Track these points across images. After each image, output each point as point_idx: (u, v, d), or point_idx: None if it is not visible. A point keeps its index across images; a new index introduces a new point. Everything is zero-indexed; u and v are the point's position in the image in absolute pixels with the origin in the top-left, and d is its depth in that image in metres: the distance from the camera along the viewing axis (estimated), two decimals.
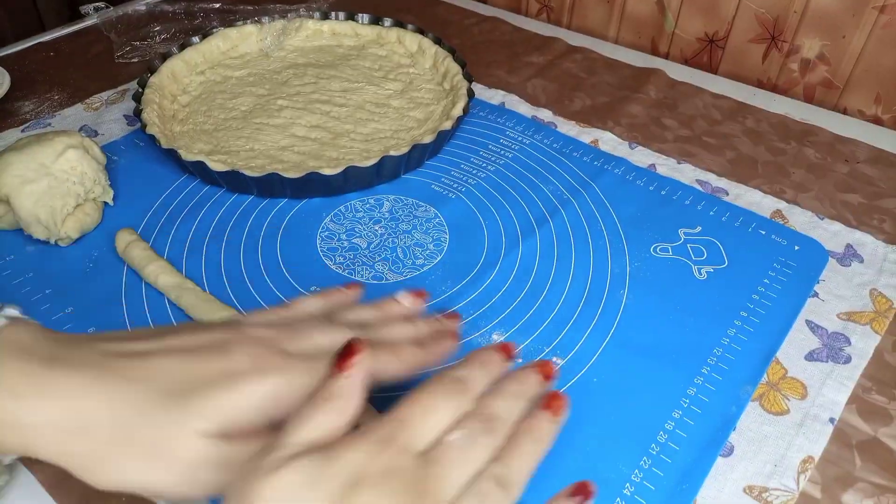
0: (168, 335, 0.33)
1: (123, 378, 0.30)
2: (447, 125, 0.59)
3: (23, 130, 0.64)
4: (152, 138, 0.57)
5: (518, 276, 0.51)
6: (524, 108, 0.69)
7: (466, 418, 0.30)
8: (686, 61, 0.81)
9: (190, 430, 0.29)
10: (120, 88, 0.71)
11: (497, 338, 0.46)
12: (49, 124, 0.65)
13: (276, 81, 0.69)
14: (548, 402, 0.32)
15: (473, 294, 0.49)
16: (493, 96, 0.70)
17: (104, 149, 0.62)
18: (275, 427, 0.29)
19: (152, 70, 0.65)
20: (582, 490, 0.31)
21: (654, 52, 0.83)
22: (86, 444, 0.29)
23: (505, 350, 0.35)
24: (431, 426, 0.29)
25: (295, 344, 0.33)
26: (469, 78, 0.66)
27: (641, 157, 0.62)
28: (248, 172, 0.54)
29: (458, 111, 0.61)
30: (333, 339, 0.33)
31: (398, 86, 0.68)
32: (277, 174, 0.53)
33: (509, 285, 0.50)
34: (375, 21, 0.75)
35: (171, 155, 0.56)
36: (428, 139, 0.58)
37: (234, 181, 0.56)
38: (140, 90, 0.63)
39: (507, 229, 0.55)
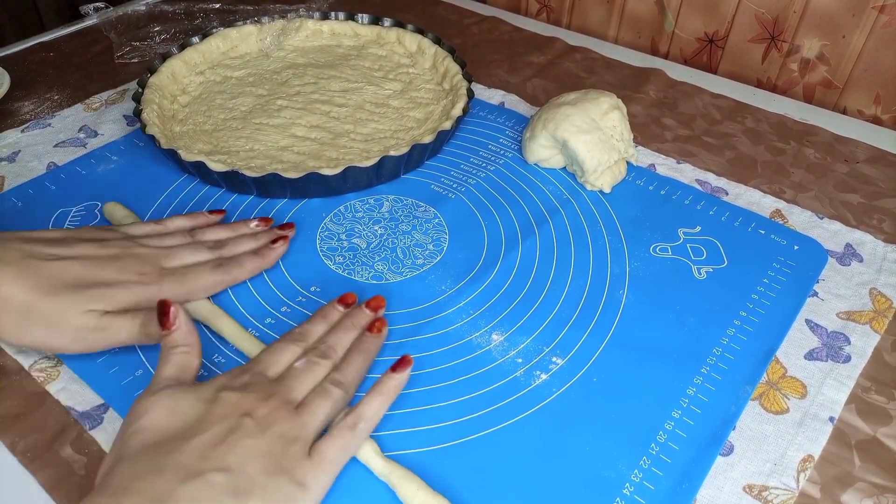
0: (77, 244, 0.44)
1: (39, 275, 0.41)
2: (447, 125, 0.59)
3: (22, 131, 0.64)
4: (152, 138, 0.57)
5: (518, 275, 0.51)
6: (524, 108, 0.69)
7: (308, 352, 0.41)
8: (686, 61, 0.81)
9: (82, 309, 0.41)
10: (120, 89, 0.71)
11: (497, 338, 0.46)
12: (49, 124, 0.65)
13: (276, 81, 0.69)
14: (371, 325, 0.44)
15: (473, 294, 0.49)
16: (493, 96, 0.70)
17: (103, 149, 0.62)
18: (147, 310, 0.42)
19: (152, 70, 0.65)
20: (402, 362, 0.41)
21: (654, 51, 0.83)
22: (8, 317, 0.40)
23: (370, 304, 0.45)
24: (280, 362, 0.40)
25: (169, 261, 0.46)
26: (469, 78, 0.66)
27: (641, 156, 0.62)
28: (247, 173, 0.54)
29: (457, 111, 0.61)
30: (195, 257, 0.47)
31: (398, 86, 0.68)
32: (277, 174, 0.53)
33: (509, 285, 0.50)
34: (375, 21, 0.75)
35: (171, 155, 0.56)
36: (428, 139, 0.58)
37: (233, 181, 0.56)
38: (140, 90, 0.63)
39: (507, 229, 0.55)
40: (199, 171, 0.56)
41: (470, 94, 0.63)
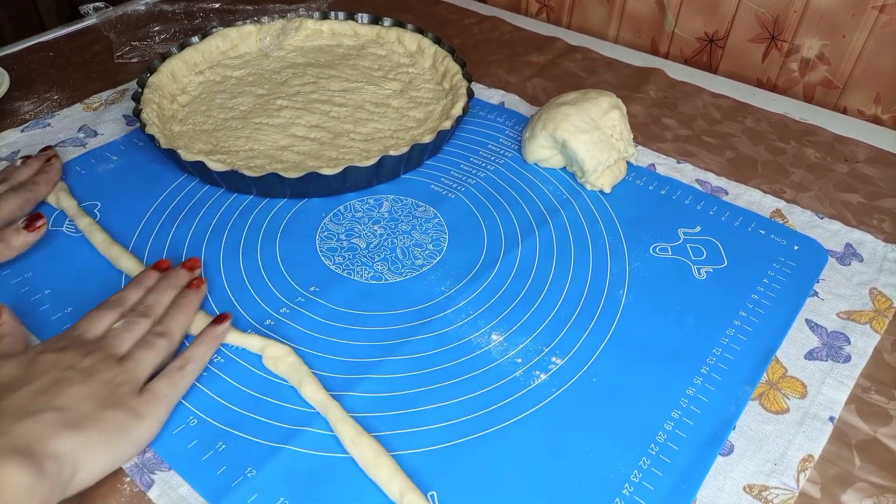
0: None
1: None
2: (447, 125, 0.59)
3: (22, 131, 0.64)
4: (151, 138, 0.57)
5: (517, 276, 0.50)
6: (524, 108, 0.69)
7: (128, 314, 0.43)
8: (686, 61, 0.81)
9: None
10: (119, 88, 0.71)
11: (496, 338, 0.46)
12: (48, 124, 0.65)
13: (276, 81, 0.69)
14: (190, 282, 0.46)
15: (473, 294, 0.49)
16: (493, 96, 0.70)
17: (103, 149, 0.62)
18: None
19: (152, 70, 0.65)
20: (221, 317, 0.44)
21: (654, 51, 0.83)
22: None
23: (185, 265, 0.48)
24: (99, 327, 0.42)
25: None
26: (469, 77, 0.65)
27: (641, 156, 0.62)
28: (247, 172, 0.54)
29: (457, 111, 0.61)
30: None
31: (398, 85, 0.68)
32: (277, 174, 0.53)
33: (509, 285, 0.50)
34: (375, 21, 0.75)
35: (171, 155, 0.56)
36: (427, 139, 0.58)
37: (233, 181, 0.56)
38: (139, 90, 0.63)
39: (507, 229, 0.55)
40: (198, 170, 0.56)
41: (470, 93, 0.63)
